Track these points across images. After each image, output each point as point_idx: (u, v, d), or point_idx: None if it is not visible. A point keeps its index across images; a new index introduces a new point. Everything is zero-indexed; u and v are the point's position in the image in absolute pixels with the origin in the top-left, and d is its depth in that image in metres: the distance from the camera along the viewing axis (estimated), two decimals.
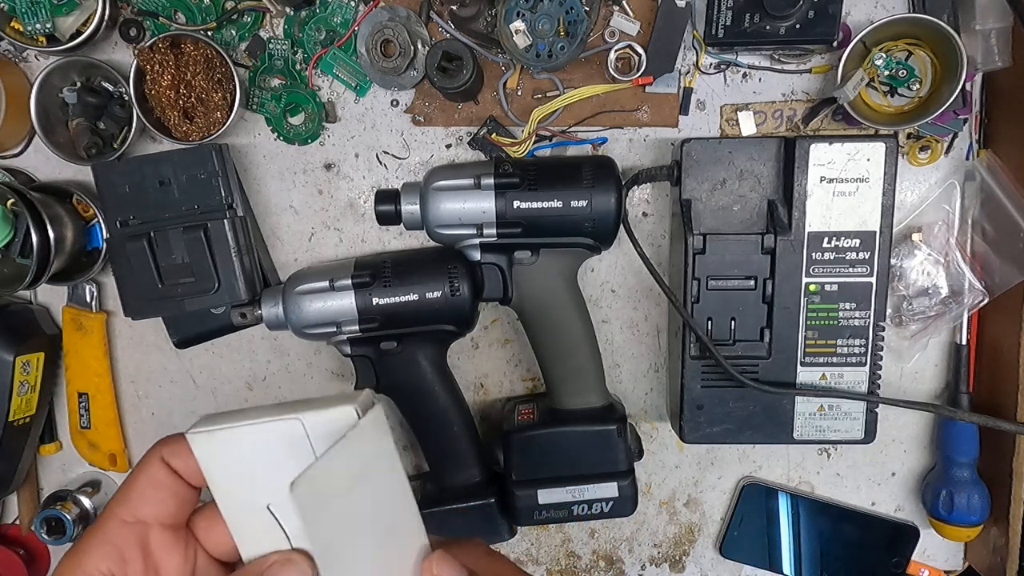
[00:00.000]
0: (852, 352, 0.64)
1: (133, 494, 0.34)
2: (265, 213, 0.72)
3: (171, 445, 0.34)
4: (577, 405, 0.68)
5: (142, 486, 0.34)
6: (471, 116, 0.70)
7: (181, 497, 0.34)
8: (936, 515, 0.72)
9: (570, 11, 0.62)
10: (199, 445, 0.33)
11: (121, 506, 0.34)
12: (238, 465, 0.33)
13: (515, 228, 0.64)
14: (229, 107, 0.67)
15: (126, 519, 0.33)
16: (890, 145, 0.62)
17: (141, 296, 0.65)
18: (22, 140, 0.71)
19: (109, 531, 0.33)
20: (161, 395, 0.77)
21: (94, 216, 0.70)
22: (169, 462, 0.34)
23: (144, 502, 0.34)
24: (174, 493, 0.34)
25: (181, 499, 0.34)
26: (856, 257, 0.63)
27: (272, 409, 0.33)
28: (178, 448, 0.34)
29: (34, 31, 0.65)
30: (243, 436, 0.33)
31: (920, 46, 0.64)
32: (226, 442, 0.33)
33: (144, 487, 0.34)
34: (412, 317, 0.65)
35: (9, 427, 0.71)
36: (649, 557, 0.79)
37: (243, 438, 0.33)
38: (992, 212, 0.68)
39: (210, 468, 0.33)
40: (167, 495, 0.34)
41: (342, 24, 0.69)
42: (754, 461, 0.76)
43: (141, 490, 0.34)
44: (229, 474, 0.33)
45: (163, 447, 0.34)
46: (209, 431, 0.33)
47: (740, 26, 0.63)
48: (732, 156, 0.64)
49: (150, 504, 0.34)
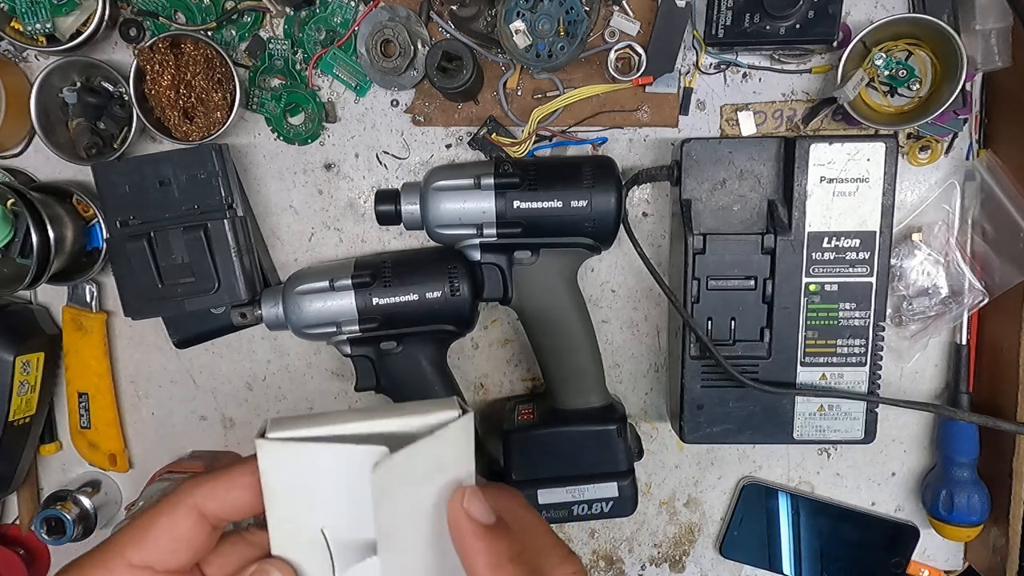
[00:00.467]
0: (852, 352, 0.64)
1: (149, 538, 0.31)
2: (265, 213, 0.72)
3: (207, 487, 0.32)
4: (577, 405, 0.68)
5: (161, 533, 0.32)
6: (471, 116, 0.70)
7: (199, 549, 0.32)
8: (936, 515, 0.72)
9: (570, 11, 0.62)
10: (268, 453, 0.30)
11: (133, 547, 0.31)
12: (304, 481, 0.31)
13: (515, 228, 0.64)
14: (229, 107, 0.67)
15: (134, 562, 0.31)
16: (890, 145, 0.62)
17: (141, 296, 0.65)
18: (22, 140, 0.71)
19: (114, 571, 0.31)
20: (161, 395, 0.77)
21: (94, 216, 0.70)
22: (202, 507, 0.32)
23: (158, 550, 0.31)
24: (193, 546, 0.32)
25: (198, 551, 0.32)
26: (856, 257, 0.63)
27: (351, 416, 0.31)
28: (215, 490, 0.32)
29: (34, 31, 0.65)
30: (320, 454, 0.30)
31: (920, 46, 0.64)
32: (299, 456, 0.30)
33: (163, 534, 0.32)
34: (412, 317, 0.65)
35: (9, 427, 0.71)
36: (649, 557, 0.79)
37: (319, 455, 0.30)
38: (992, 212, 0.68)
39: (272, 478, 0.31)
40: (185, 547, 0.32)
41: (342, 24, 0.69)
42: (754, 461, 0.76)
43: (158, 537, 0.31)
44: (291, 488, 0.31)
45: (198, 490, 0.32)
46: (285, 441, 0.30)
47: (740, 26, 0.63)
48: (732, 156, 0.64)
49: (164, 554, 0.32)
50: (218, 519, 0.32)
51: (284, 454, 0.30)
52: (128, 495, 0.78)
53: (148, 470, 0.76)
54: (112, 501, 0.78)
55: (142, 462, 0.78)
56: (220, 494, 0.32)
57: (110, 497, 0.77)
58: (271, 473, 0.30)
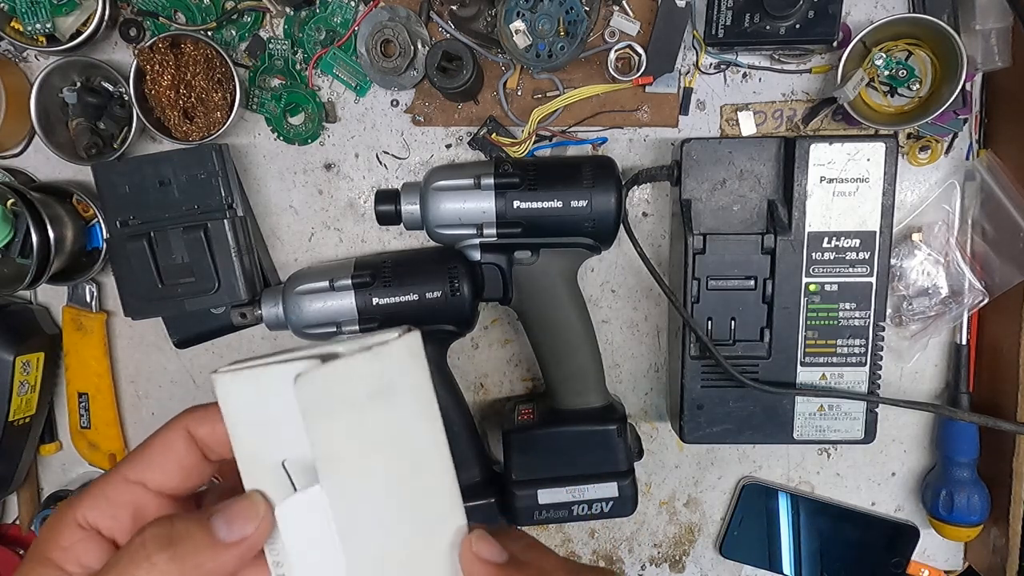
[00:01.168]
0: (852, 352, 0.64)
1: (143, 456, 0.33)
2: (265, 213, 0.72)
3: (199, 413, 0.33)
4: (577, 405, 0.68)
5: (154, 450, 0.33)
6: (471, 116, 0.70)
7: (190, 470, 0.33)
8: (936, 515, 0.72)
9: (570, 11, 0.62)
10: (223, 385, 0.30)
11: (127, 465, 0.33)
12: (259, 411, 0.30)
13: (515, 228, 0.64)
14: (229, 107, 0.67)
15: (128, 477, 0.33)
16: (890, 145, 0.62)
17: (141, 296, 0.65)
18: (22, 140, 0.71)
19: (108, 485, 0.33)
20: (161, 395, 0.77)
21: (94, 216, 0.70)
22: (193, 430, 0.33)
23: (150, 466, 0.33)
24: (184, 465, 0.33)
25: (189, 472, 0.33)
26: (856, 257, 0.63)
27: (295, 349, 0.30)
28: (206, 416, 0.33)
29: (34, 31, 0.65)
30: (269, 376, 0.29)
31: (920, 46, 0.64)
32: (250, 382, 0.29)
33: (155, 452, 0.33)
34: (412, 317, 0.64)
35: (9, 427, 0.71)
36: (649, 557, 0.79)
37: (269, 378, 0.29)
38: (992, 212, 0.68)
39: (230, 412, 0.30)
40: (175, 465, 0.33)
41: (342, 24, 0.69)
42: (754, 461, 0.76)
43: (151, 454, 0.33)
44: (248, 421, 0.30)
45: (190, 415, 0.33)
46: (234, 370, 0.30)
47: (740, 26, 0.63)
48: (732, 156, 0.64)
49: (156, 470, 0.33)
50: (207, 445, 0.33)
51: (237, 383, 0.30)
52: None
53: None
54: None
55: None
56: (209, 419, 0.33)
57: None
58: (229, 406, 0.30)
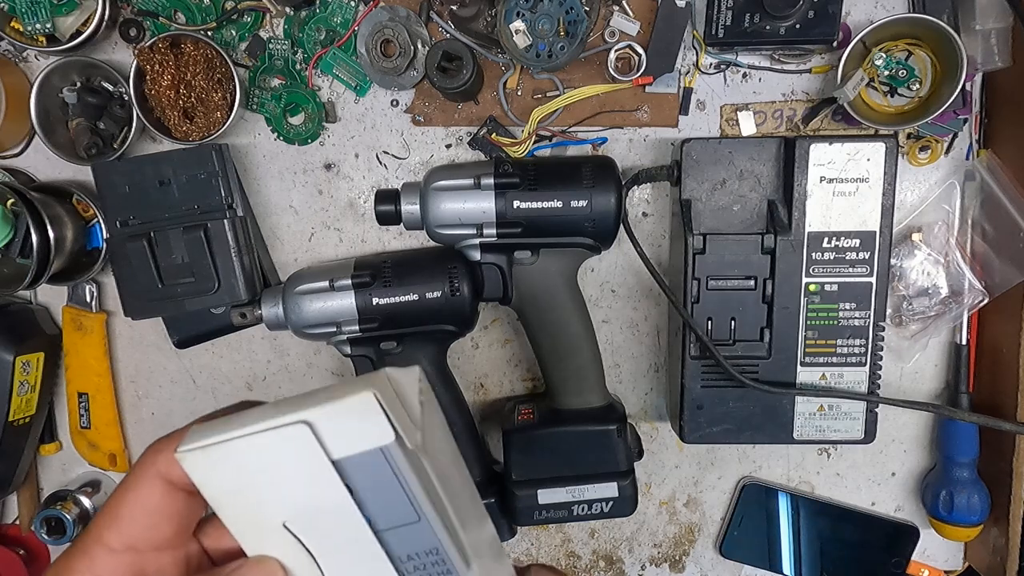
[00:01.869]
0: (852, 352, 0.64)
1: (123, 517, 0.29)
2: (265, 213, 0.72)
3: (167, 451, 0.29)
4: (577, 405, 0.68)
5: (133, 509, 0.29)
6: (471, 116, 0.70)
7: (180, 517, 0.30)
8: (936, 515, 0.72)
9: (570, 11, 0.62)
10: (192, 464, 0.28)
11: (109, 530, 0.29)
12: (242, 482, 0.28)
13: (515, 228, 0.64)
14: (229, 107, 0.67)
15: (114, 546, 0.28)
16: (890, 145, 0.62)
17: (141, 296, 0.65)
18: (22, 140, 0.71)
19: (96, 559, 0.28)
20: (161, 395, 0.77)
21: (94, 216, 0.70)
22: (167, 474, 0.29)
23: (135, 527, 0.29)
24: (171, 515, 0.29)
25: (179, 521, 0.30)
26: (856, 257, 0.63)
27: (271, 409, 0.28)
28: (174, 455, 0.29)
29: (34, 31, 0.65)
30: (241, 449, 0.28)
31: (920, 46, 0.64)
32: (223, 458, 0.28)
33: (135, 510, 0.29)
34: (412, 317, 0.65)
35: (9, 427, 0.71)
36: (649, 557, 0.79)
37: (242, 451, 0.28)
38: (992, 212, 0.68)
39: (210, 489, 0.28)
40: (162, 520, 0.29)
41: (342, 24, 0.69)
42: (754, 461, 0.76)
43: (132, 514, 0.29)
44: (233, 493, 0.28)
45: (157, 456, 0.29)
46: (201, 447, 0.27)
47: (740, 26, 0.63)
48: (732, 156, 0.64)
49: (143, 530, 0.29)
50: (187, 484, 0.29)
51: (206, 461, 0.28)
52: None
53: None
54: None
55: None
56: None
57: None
58: (203, 481, 0.28)
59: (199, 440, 0.28)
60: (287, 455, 0.27)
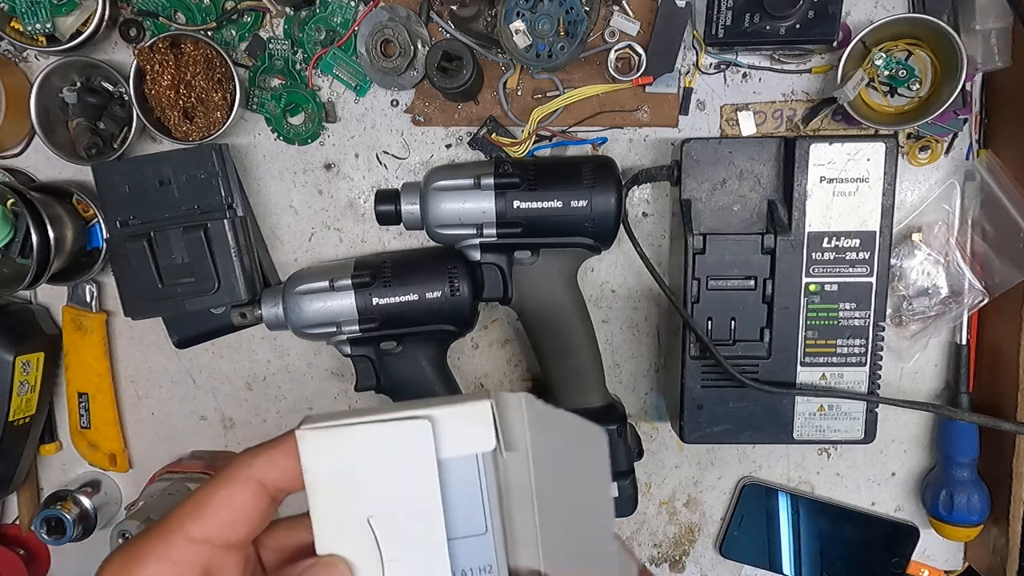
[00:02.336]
0: (852, 352, 0.64)
1: (208, 511, 0.30)
2: (265, 213, 0.72)
3: (265, 457, 0.31)
4: (577, 405, 0.68)
5: (220, 506, 0.30)
6: (471, 116, 0.70)
7: (258, 522, 0.31)
8: (936, 515, 0.72)
9: (570, 11, 0.62)
10: (310, 443, 0.29)
11: (192, 521, 0.30)
12: (347, 468, 0.29)
13: (515, 228, 0.64)
14: (229, 107, 0.67)
15: (194, 536, 0.30)
16: (890, 145, 0.62)
17: (141, 296, 0.65)
18: (22, 140, 0.71)
19: (173, 545, 0.30)
20: (161, 395, 0.77)
21: (94, 216, 0.70)
22: (262, 478, 0.30)
23: (218, 523, 0.30)
24: (253, 517, 0.31)
25: (257, 524, 0.31)
26: (856, 257, 0.63)
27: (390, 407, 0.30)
28: (274, 459, 0.30)
29: (34, 31, 0.65)
30: (361, 435, 0.29)
31: (920, 46, 0.64)
32: (341, 441, 0.29)
33: (222, 507, 0.30)
34: (412, 317, 0.65)
35: (9, 427, 0.71)
36: (649, 557, 0.79)
37: (360, 438, 0.29)
38: (992, 212, 0.68)
39: (314, 472, 0.29)
40: (244, 520, 0.31)
41: (342, 24, 0.69)
42: (754, 461, 0.76)
43: (218, 510, 0.30)
44: (334, 478, 0.30)
45: (256, 460, 0.31)
46: (326, 427, 0.29)
47: (740, 26, 0.63)
48: (732, 156, 0.64)
49: (224, 526, 0.30)
50: (278, 490, 0.31)
51: (323, 441, 0.29)
52: (128, 495, 0.78)
53: (148, 470, 0.76)
54: (112, 501, 0.77)
55: (142, 462, 0.78)
56: (280, 461, 0.30)
57: (110, 497, 0.77)
58: (313, 464, 0.29)
59: (320, 422, 0.29)
60: (402, 447, 0.29)
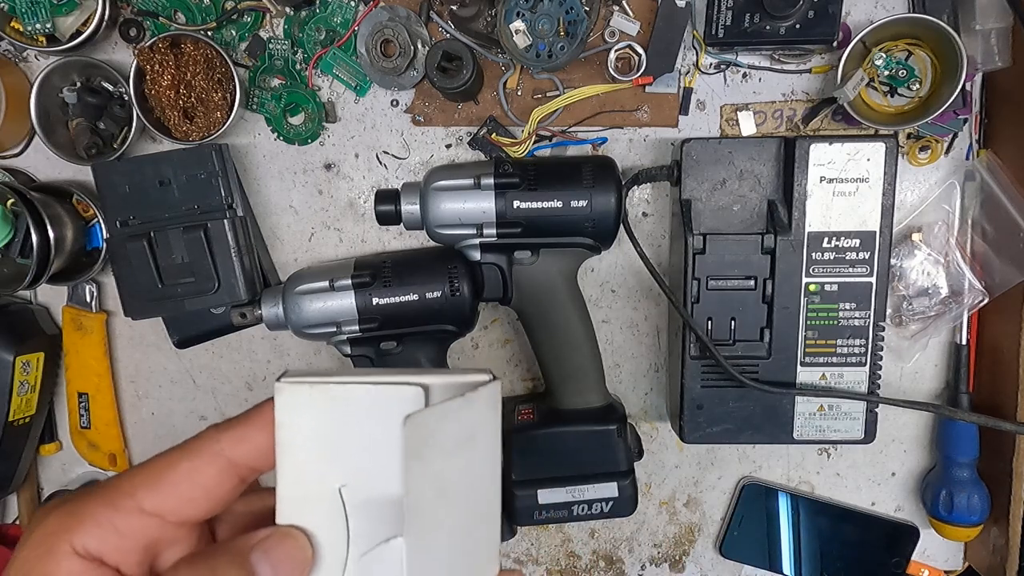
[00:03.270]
0: (852, 352, 0.64)
1: (166, 483, 0.27)
2: (265, 213, 0.73)
3: (234, 431, 0.28)
4: (577, 405, 0.68)
5: (181, 479, 0.28)
6: (471, 116, 0.70)
7: (220, 501, 0.28)
8: (936, 515, 0.72)
9: (570, 11, 0.62)
10: (286, 396, 0.27)
11: (146, 490, 0.27)
12: (325, 430, 0.27)
13: (515, 228, 0.64)
14: (229, 107, 0.67)
15: (145, 507, 0.27)
16: (890, 145, 0.62)
17: (141, 296, 0.65)
18: (22, 140, 0.71)
19: (117, 515, 0.27)
20: (161, 395, 0.77)
21: (94, 216, 0.70)
22: (230, 453, 0.28)
23: (176, 497, 0.27)
24: (215, 497, 0.28)
25: (218, 503, 0.29)
26: (856, 257, 0.63)
27: (378, 373, 0.28)
28: (243, 434, 0.28)
29: (34, 31, 0.65)
30: (347, 396, 0.26)
31: (920, 46, 0.64)
32: (323, 399, 0.27)
33: (183, 480, 0.28)
34: (412, 317, 0.65)
35: (9, 427, 0.71)
36: (649, 557, 0.79)
37: (346, 398, 0.26)
38: (992, 212, 0.68)
39: (289, 430, 0.27)
40: (205, 497, 0.28)
41: (342, 24, 0.69)
42: (754, 461, 0.76)
43: (178, 483, 0.27)
44: (309, 439, 0.27)
45: (224, 434, 0.28)
46: (308, 383, 0.26)
47: (740, 26, 0.63)
48: (732, 156, 0.64)
49: (181, 502, 0.28)
50: (248, 468, 0.28)
51: (306, 398, 0.26)
52: None
53: None
54: None
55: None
56: (252, 436, 0.28)
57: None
58: (289, 421, 0.27)
59: (306, 376, 0.27)
60: (390, 415, 0.26)
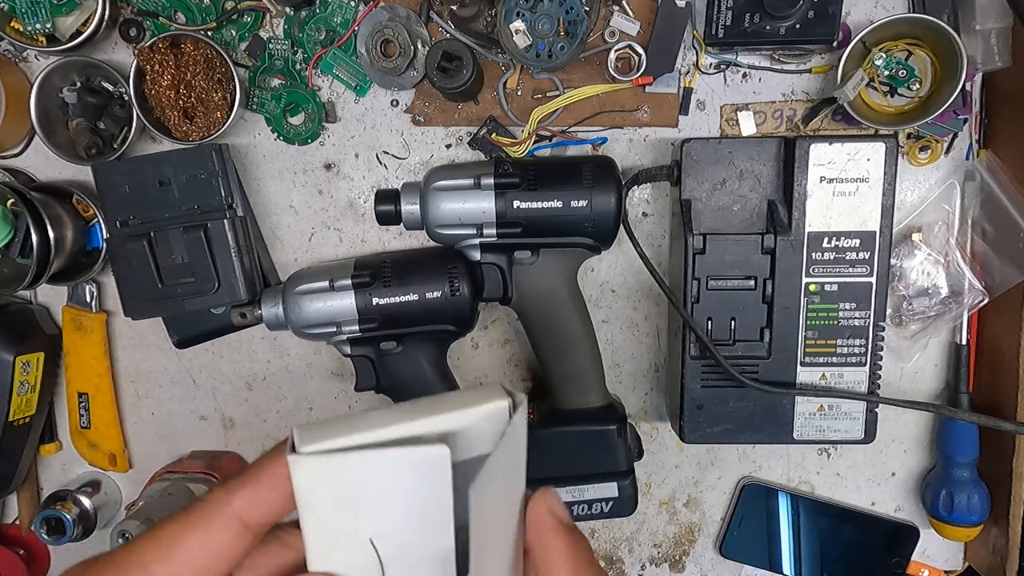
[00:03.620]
0: (852, 352, 0.64)
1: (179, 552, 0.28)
2: (265, 213, 0.72)
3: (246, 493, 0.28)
4: (577, 405, 0.68)
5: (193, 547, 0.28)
6: (471, 116, 0.70)
7: (238, 559, 0.29)
8: (936, 515, 0.72)
9: (570, 11, 0.62)
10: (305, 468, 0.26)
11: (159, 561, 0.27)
12: (350, 489, 0.26)
13: (515, 228, 0.64)
14: (229, 107, 0.67)
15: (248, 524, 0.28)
16: (890, 145, 0.62)
17: (141, 296, 0.65)
18: (22, 140, 0.71)
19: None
20: (161, 395, 0.77)
21: (94, 216, 0.70)
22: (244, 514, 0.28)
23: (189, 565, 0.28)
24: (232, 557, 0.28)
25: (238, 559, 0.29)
26: (856, 257, 0.63)
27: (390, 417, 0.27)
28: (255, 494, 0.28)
29: (34, 31, 0.65)
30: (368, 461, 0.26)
31: (920, 46, 0.64)
32: (343, 466, 0.26)
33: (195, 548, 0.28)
34: (412, 317, 0.65)
35: (9, 427, 0.71)
36: (649, 557, 0.79)
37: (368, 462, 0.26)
38: (992, 212, 0.68)
39: (309, 495, 0.26)
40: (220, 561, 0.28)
41: (342, 24, 0.69)
42: (754, 461, 0.76)
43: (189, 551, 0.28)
44: (332, 502, 0.27)
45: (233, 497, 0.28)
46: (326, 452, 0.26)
47: (740, 26, 0.63)
48: (732, 156, 0.64)
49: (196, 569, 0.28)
50: (262, 526, 0.28)
51: (323, 468, 0.26)
52: (128, 495, 0.78)
53: (148, 470, 0.76)
54: (112, 501, 0.77)
55: (142, 462, 0.78)
56: (265, 496, 0.28)
57: (110, 497, 0.77)
58: (309, 489, 0.26)
59: (317, 441, 0.26)
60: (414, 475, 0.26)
